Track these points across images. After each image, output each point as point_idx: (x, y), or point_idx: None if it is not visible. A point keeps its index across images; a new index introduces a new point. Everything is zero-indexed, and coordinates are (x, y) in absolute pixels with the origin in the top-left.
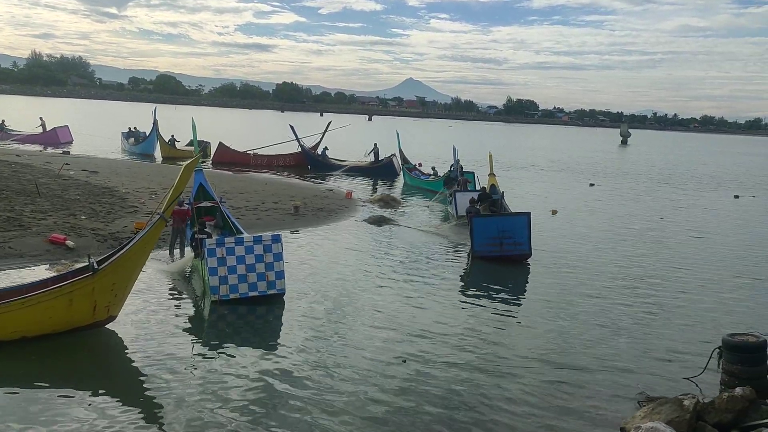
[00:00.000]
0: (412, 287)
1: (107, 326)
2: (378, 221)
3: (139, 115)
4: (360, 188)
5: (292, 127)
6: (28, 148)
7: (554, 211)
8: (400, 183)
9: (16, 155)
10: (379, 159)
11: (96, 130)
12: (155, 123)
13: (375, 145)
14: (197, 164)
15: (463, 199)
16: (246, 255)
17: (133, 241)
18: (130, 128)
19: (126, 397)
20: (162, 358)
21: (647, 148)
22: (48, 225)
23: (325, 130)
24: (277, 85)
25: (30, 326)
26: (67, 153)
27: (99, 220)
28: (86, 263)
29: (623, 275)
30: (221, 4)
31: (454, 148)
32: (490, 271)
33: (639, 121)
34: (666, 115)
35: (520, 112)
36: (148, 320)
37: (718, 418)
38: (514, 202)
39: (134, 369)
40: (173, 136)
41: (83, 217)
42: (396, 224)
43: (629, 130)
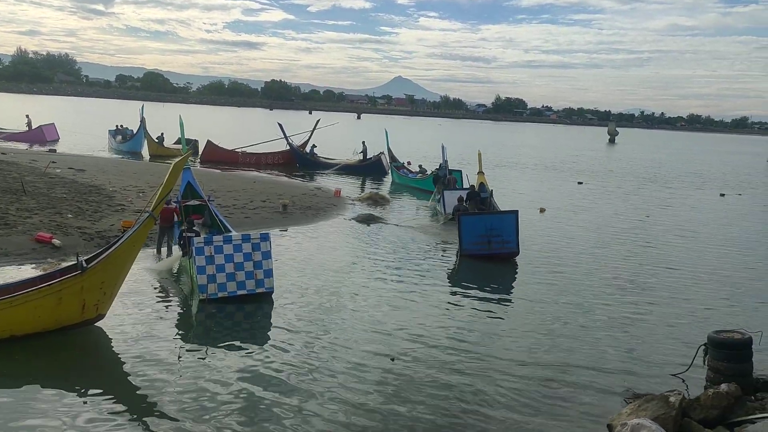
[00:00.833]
0: (401, 286)
1: (96, 324)
2: (366, 220)
3: (126, 112)
4: (349, 187)
5: (281, 125)
6: (14, 146)
7: (542, 210)
8: (389, 181)
9: (2, 153)
10: (368, 157)
11: (83, 128)
12: (143, 121)
13: (363, 144)
14: (186, 162)
15: (451, 197)
16: (234, 253)
17: (122, 240)
18: (118, 126)
19: (114, 395)
20: (150, 357)
21: (635, 147)
22: (34, 223)
23: (314, 129)
24: (266, 82)
25: (18, 325)
26: (54, 151)
27: (86, 219)
28: (74, 262)
29: (610, 273)
30: (209, 1)
31: (443, 147)
32: (478, 269)
33: (627, 120)
34: (653, 113)
35: (509, 110)
36: (137, 319)
37: (703, 414)
38: (502, 201)
39: (123, 367)
40: (162, 134)
41: (70, 216)
42: (384, 222)
43: (617, 129)
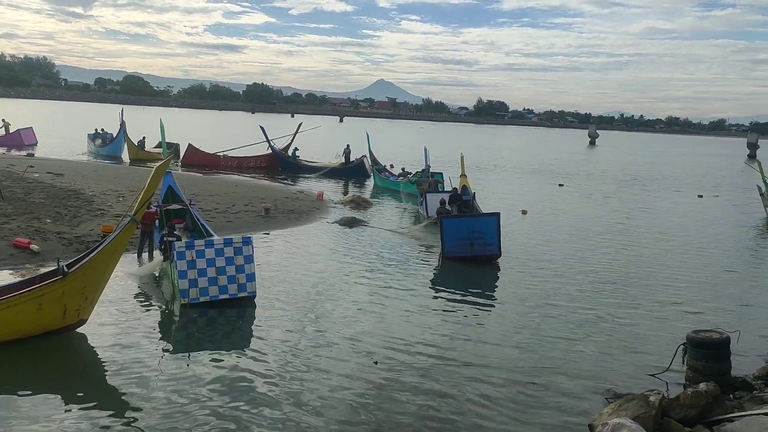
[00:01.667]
0: (383, 288)
1: (78, 330)
2: (349, 223)
3: (106, 116)
4: (331, 190)
5: (263, 129)
6: None
7: (524, 212)
8: (371, 184)
9: None
10: (350, 160)
11: (61, 132)
12: (122, 124)
13: (347, 146)
14: (168, 166)
15: (433, 200)
16: (216, 257)
17: (104, 244)
18: (97, 130)
19: (96, 400)
20: (132, 362)
21: (615, 149)
22: (11, 229)
23: (296, 132)
24: (248, 86)
25: None
26: (32, 155)
27: (64, 224)
28: (54, 267)
29: (591, 275)
30: (190, 4)
31: (426, 150)
32: (460, 271)
33: (607, 122)
34: (633, 116)
35: (491, 113)
36: (119, 324)
37: (682, 414)
38: (484, 203)
39: (104, 373)
40: (144, 138)
41: (48, 221)
42: (367, 225)
43: (597, 131)
